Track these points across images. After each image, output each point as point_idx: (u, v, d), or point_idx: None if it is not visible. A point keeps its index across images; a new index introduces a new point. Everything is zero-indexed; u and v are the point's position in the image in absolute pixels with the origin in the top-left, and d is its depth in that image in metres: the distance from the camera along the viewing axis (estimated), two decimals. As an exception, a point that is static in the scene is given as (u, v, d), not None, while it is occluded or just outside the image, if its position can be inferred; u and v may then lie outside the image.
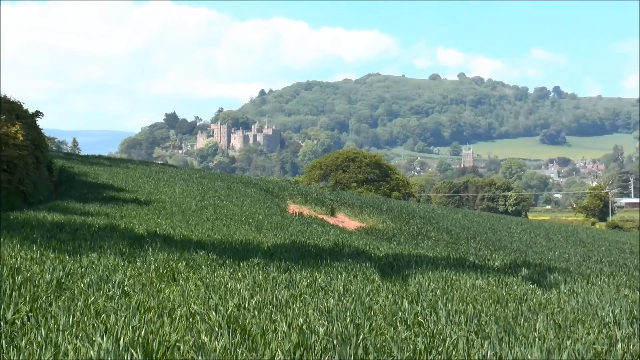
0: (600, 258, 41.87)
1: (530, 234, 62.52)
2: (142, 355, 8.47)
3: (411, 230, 49.15)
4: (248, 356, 8.88)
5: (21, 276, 12.82)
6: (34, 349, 8.64)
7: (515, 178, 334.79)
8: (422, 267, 20.83)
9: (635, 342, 11.83)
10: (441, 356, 9.76)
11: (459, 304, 14.25)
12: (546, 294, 17.37)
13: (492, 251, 38.76)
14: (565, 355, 10.22)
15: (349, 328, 10.99)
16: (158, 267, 15.79)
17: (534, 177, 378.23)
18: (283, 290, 14.26)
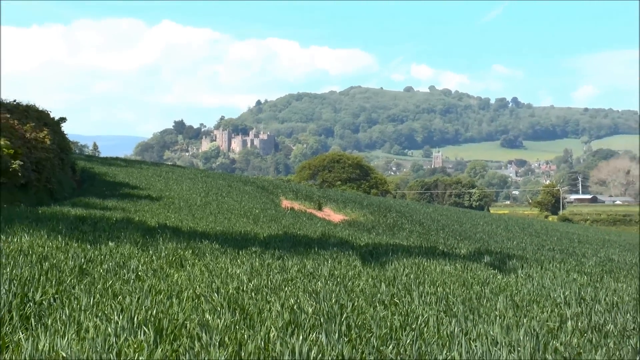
0: (553, 247, 41.87)
1: (492, 225, 62.54)
2: (154, 332, 8.45)
3: (388, 222, 49.11)
4: (246, 332, 8.86)
5: (48, 263, 12.80)
6: (59, 326, 8.63)
7: (478, 177, 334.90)
8: (397, 254, 20.80)
9: (583, 319, 11.84)
10: (414, 332, 9.74)
11: (430, 287, 14.24)
12: (505, 278, 17.37)
13: (459, 241, 38.74)
14: (522, 331, 10.22)
15: (334, 308, 10.99)
16: (168, 255, 15.75)
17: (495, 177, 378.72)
18: (277, 275, 14.24)
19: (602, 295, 15.21)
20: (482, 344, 9.24)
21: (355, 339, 9.21)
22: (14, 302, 9.40)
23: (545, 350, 9.09)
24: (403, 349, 8.86)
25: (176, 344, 8.21)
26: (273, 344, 8.32)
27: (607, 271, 22.81)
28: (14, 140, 31.72)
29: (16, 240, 15.48)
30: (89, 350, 7.54)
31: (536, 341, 9.57)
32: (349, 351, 8.33)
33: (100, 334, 8.26)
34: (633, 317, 12.44)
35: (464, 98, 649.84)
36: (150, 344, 8.06)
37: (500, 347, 9.09)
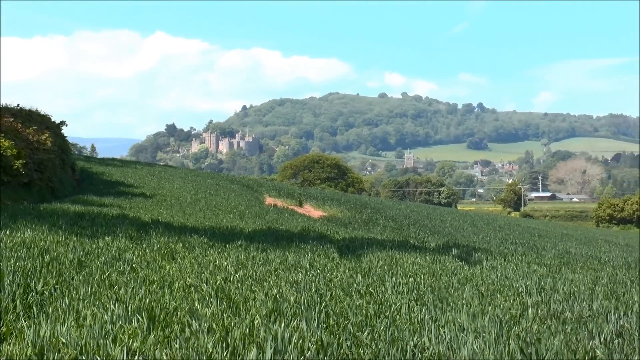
0: (515, 240, 42.00)
1: (459, 221, 62.68)
2: (147, 319, 8.45)
3: (364, 218, 49.17)
4: (233, 320, 8.86)
5: (49, 255, 12.77)
6: (59, 314, 8.63)
7: (447, 176, 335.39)
8: (372, 248, 20.82)
9: (542, 307, 11.88)
10: (388, 319, 9.75)
11: (402, 278, 14.25)
12: (472, 269, 17.40)
13: (429, 235, 38.81)
14: (487, 318, 10.25)
15: (313, 297, 11.00)
16: (160, 248, 15.73)
17: (462, 176, 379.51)
18: (261, 266, 14.23)
19: (560, 285, 15.27)
20: (450, 330, 9.25)
21: (333, 325, 9.22)
22: (18, 292, 9.40)
23: (508, 336, 9.12)
24: (377, 334, 8.88)
25: (168, 331, 8.21)
26: (257, 330, 8.32)
27: (564, 263, 22.87)
28: (17, 142, 31.77)
29: (19, 234, 15.45)
30: (86, 337, 7.53)
31: (500, 327, 9.60)
32: (327, 337, 8.33)
33: (97, 322, 8.25)
34: (588, 305, 12.49)
35: (434, 104, 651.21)
36: (144, 330, 8.06)
37: (467, 333, 9.11)
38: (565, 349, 8.60)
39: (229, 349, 7.53)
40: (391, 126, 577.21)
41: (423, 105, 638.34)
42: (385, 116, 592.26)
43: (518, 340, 8.85)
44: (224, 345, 7.65)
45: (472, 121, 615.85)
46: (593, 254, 33.65)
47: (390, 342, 8.50)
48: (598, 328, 10.27)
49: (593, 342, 9.27)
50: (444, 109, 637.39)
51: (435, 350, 8.18)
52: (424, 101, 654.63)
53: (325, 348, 7.88)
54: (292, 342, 7.91)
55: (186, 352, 7.27)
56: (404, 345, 8.37)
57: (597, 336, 9.67)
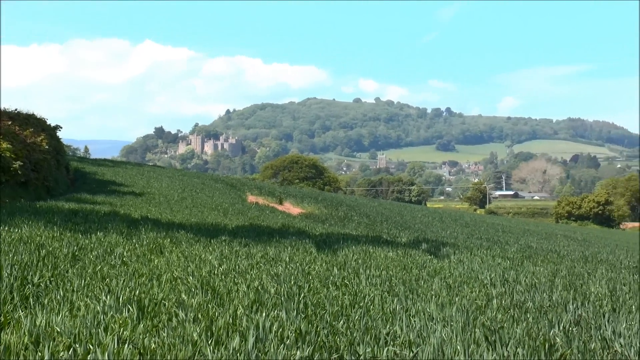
0: (481, 235, 42.06)
1: (428, 217, 62.73)
2: (137, 310, 8.44)
3: (339, 215, 49.14)
4: (217, 310, 8.85)
5: (45, 250, 12.73)
6: (54, 305, 8.62)
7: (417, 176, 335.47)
8: (347, 242, 20.82)
9: (506, 298, 11.92)
10: (362, 309, 9.76)
11: (375, 270, 14.26)
12: (440, 262, 17.43)
13: (400, 231, 38.80)
14: (454, 308, 10.27)
15: (293, 289, 11.00)
16: (149, 243, 15.69)
17: (431, 176, 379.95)
18: (243, 260, 14.22)
19: (522, 277, 15.32)
20: (420, 319, 9.27)
21: (311, 315, 9.22)
22: (15, 284, 9.38)
23: (474, 325, 9.15)
24: (352, 323, 8.89)
25: (156, 320, 8.20)
26: (240, 320, 8.32)
27: (526, 256, 22.94)
28: (15, 143, 31.81)
29: (17, 230, 15.39)
30: (80, 326, 7.52)
31: (466, 317, 9.63)
32: (305, 326, 8.34)
33: (90, 312, 8.24)
34: (549, 296, 12.54)
35: (405, 108, 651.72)
36: (134, 320, 8.06)
37: (436, 322, 9.13)
38: (527, 337, 8.63)
39: (214, 337, 7.54)
40: (365, 129, 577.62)
41: (395, 109, 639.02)
42: (360, 120, 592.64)
43: (483, 329, 8.88)
44: (208, 334, 7.65)
45: (440, 124, 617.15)
46: (553, 248, 33.75)
47: (365, 330, 8.51)
48: (557, 317, 10.32)
49: (553, 331, 9.31)
50: (414, 113, 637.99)
51: (406, 338, 8.20)
52: (396, 106, 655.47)
53: (304, 336, 7.89)
54: (273, 330, 7.92)
55: (173, 340, 7.27)
56: (377, 333, 8.39)
57: (557, 325, 9.72)
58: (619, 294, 14.03)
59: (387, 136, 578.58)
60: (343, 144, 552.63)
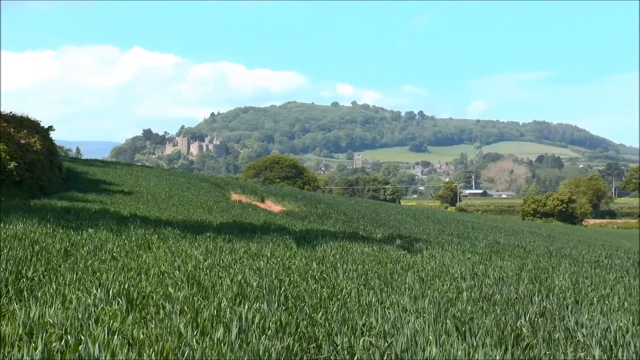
0: (451, 232, 42.16)
1: (402, 215, 62.83)
2: (126, 302, 8.43)
3: (318, 212, 49.16)
4: (202, 302, 8.85)
5: (38, 245, 12.69)
6: (48, 298, 8.61)
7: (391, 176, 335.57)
8: (326, 238, 20.82)
9: (475, 290, 11.96)
10: (340, 302, 9.77)
11: (352, 265, 14.28)
12: (413, 257, 17.45)
13: (375, 227, 38.86)
14: (427, 300, 10.29)
15: (274, 282, 11.00)
16: (137, 239, 15.66)
17: (405, 175, 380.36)
18: (227, 255, 14.21)
19: (490, 271, 15.37)
20: (395, 311, 9.28)
21: (291, 307, 9.22)
22: (10, 278, 9.36)
23: (445, 316, 9.17)
24: (330, 315, 8.89)
25: (144, 312, 8.19)
26: (224, 312, 8.31)
27: (494, 252, 23.01)
28: (10, 144, 31.87)
29: (12, 227, 15.34)
30: (72, 318, 7.50)
31: (438, 308, 9.65)
32: (286, 317, 8.34)
33: (81, 304, 8.22)
34: (515, 288, 12.59)
35: (380, 111, 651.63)
36: (123, 312, 8.05)
37: (409, 314, 9.15)
38: (495, 327, 8.66)
39: (199, 328, 7.53)
40: (342, 131, 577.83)
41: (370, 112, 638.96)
42: (337, 122, 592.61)
43: (454, 320, 8.91)
44: (194, 325, 7.64)
45: (413, 127, 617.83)
46: (519, 244, 33.85)
47: (342, 322, 8.52)
48: (524, 309, 10.36)
49: (520, 322, 9.35)
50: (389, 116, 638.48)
51: (381, 329, 8.21)
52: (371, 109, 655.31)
53: (284, 327, 7.89)
54: (255, 322, 7.92)
55: (161, 331, 7.26)
56: (354, 324, 8.40)
57: (523, 316, 9.76)
58: (581, 287, 14.11)
59: (363, 138, 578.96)
60: (321, 145, 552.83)
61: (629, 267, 23.74)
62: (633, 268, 23.29)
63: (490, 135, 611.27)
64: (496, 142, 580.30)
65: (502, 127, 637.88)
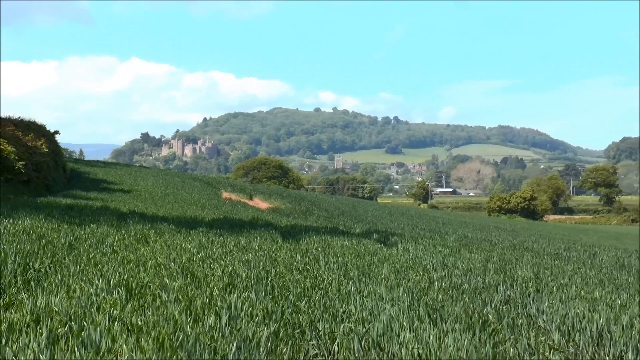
0: (424, 227, 42.19)
1: (379, 211, 62.87)
2: (125, 292, 8.43)
3: (302, 209, 49.11)
4: (195, 292, 8.84)
5: (44, 240, 12.64)
6: (53, 287, 8.59)
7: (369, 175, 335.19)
8: (309, 233, 20.83)
9: (446, 280, 12.00)
10: (322, 291, 9.79)
11: (333, 257, 14.29)
12: (389, 250, 17.48)
13: (354, 223, 38.84)
14: (401, 289, 10.31)
15: (261, 273, 11.00)
16: (136, 234, 15.62)
17: (381, 175, 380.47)
18: (218, 248, 14.19)
19: (459, 263, 15.42)
20: (372, 299, 9.30)
21: (277, 296, 9.23)
22: (18, 270, 9.33)
23: (418, 304, 9.19)
24: (313, 303, 8.90)
25: (142, 301, 8.18)
26: (215, 300, 8.31)
27: (463, 245, 23.06)
28: (18, 147, 31.91)
29: (20, 223, 15.27)
30: (75, 306, 7.49)
31: (411, 297, 9.67)
32: (272, 305, 8.35)
33: (84, 294, 8.21)
34: (482, 279, 12.64)
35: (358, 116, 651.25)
36: (123, 300, 8.03)
37: (385, 302, 9.17)
38: (464, 314, 8.70)
39: (192, 315, 7.53)
40: (324, 135, 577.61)
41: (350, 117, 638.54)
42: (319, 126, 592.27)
43: (426, 307, 8.93)
44: (188, 312, 7.64)
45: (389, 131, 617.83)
46: (486, 238, 33.95)
47: (324, 309, 8.53)
48: (490, 297, 10.41)
49: (486, 309, 9.39)
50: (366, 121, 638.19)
51: (359, 315, 8.23)
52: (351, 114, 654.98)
53: (271, 314, 7.90)
54: (244, 309, 7.92)
55: (157, 318, 7.25)
56: (335, 312, 8.41)
57: (489, 304, 9.80)
58: (542, 277, 14.20)
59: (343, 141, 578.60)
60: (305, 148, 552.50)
61: (586, 259, 23.91)
62: (589, 260, 23.45)
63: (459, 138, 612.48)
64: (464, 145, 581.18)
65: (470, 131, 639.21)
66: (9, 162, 30.27)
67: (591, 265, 20.94)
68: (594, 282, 14.72)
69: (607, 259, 24.77)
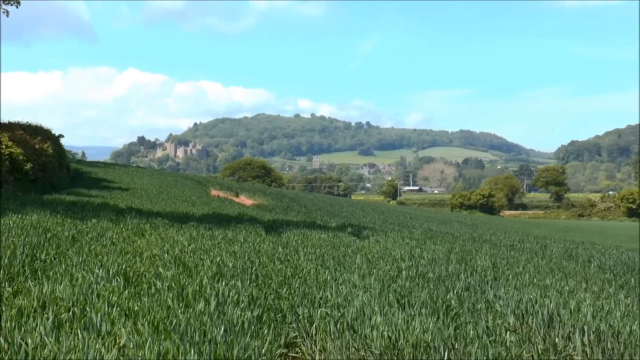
0: (393, 221, 42.31)
1: (352, 207, 62.97)
2: (123, 280, 8.42)
3: (283, 205, 49.12)
4: (187, 280, 8.83)
5: (50, 233, 12.58)
6: (58, 276, 8.56)
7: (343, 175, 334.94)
8: (289, 227, 20.84)
9: (413, 269, 12.03)
10: (301, 279, 9.81)
11: (311, 248, 14.30)
12: (362, 242, 17.50)
13: (330, 217, 38.90)
14: (373, 278, 10.34)
15: (246, 263, 11.00)
16: (133, 228, 15.56)
17: (355, 175, 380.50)
18: (207, 241, 14.16)
19: (425, 253, 15.47)
20: (346, 286, 9.33)
21: (261, 284, 9.25)
22: (26, 260, 9.31)
23: (388, 290, 9.22)
24: (293, 290, 8.92)
25: (138, 288, 8.16)
26: (205, 288, 8.31)
27: (428, 237, 23.17)
28: (26, 149, 32.10)
29: (28, 218, 15.18)
30: (78, 293, 7.47)
31: (382, 284, 9.70)
32: (256, 292, 8.36)
33: (86, 282, 8.19)
34: (445, 268, 12.69)
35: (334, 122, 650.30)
36: (121, 288, 8.02)
37: (358, 289, 9.20)
38: (429, 300, 8.74)
39: (184, 301, 7.53)
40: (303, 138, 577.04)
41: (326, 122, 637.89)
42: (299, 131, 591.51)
43: (395, 294, 8.96)
44: (180, 299, 7.64)
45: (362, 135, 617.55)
46: (449, 231, 34.10)
47: (303, 296, 8.56)
48: (452, 284, 10.46)
49: (449, 295, 9.44)
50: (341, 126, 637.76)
51: (335, 301, 8.25)
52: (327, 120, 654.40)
53: (255, 300, 7.91)
54: (231, 296, 7.93)
55: (152, 304, 7.24)
56: (313, 298, 8.44)
57: (452, 290, 9.85)
58: (499, 266, 14.29)
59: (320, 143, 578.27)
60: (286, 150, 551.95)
61: (538, 250, 24.09)
62: (541, 251, 23.61)
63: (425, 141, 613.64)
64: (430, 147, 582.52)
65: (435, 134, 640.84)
66: (18, 163, 30.40)
67: (543, 255, 21.10)
68: (545, 271, 14.84)
69: (556, 250, 24.98)
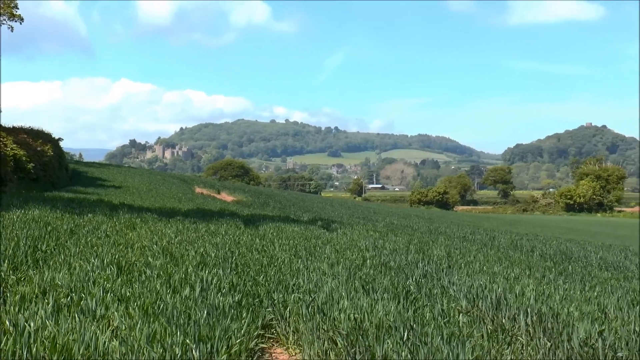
0: (359, 216, 42.43)
1: (323, 203, 63.05)
2: (116, 268, 8.39)
3: (260, 201, 49.06)
4: (174, 268, 8.82)
5: (50, 226, 12.48)
6: (57, 265, 8.53)
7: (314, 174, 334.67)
8: (266, 221, 20.83)
9: (376, 259, 12.10)
10: (276, 268, 9.83)
11: (285, 240, 14.32)
12: (330, 234, 17.55)
13: (302, 212, 38.91)
14: (341, 266, 10.40)
15: (227, 253, 11.00)
16: (125, 222, 15.47)
17: (324, 174, 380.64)
18: (192, 233, 14.13)
19: (387, 244, 15.55)
20: (317, 274, 9.36)
21: (240, 272, 9.26)
22: (29, 251, 9.26)
23: (354, 278, 9.27)
24: (269, 277, 8.95)
25: (130, 276, 8.14)
26: (190, 275, 8.31)
27: (390, 230, 23.30)
28: (29, 151, 32.27)
29: (30, 213, 15.05)
30: (75, 280, 7.44)
31: (349, 272, 9.75)
32: (236, 279, 8.38)
33: (82, 270, 8.16)
34: (405, 257, 12.77)
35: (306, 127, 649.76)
36: (114, 276, 7.99)
37: (328, 276, 9.23)
38: (391, 286, 8.80)
39: (171, 287, 7.53)
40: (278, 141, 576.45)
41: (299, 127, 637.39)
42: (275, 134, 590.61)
43: (360, 280, 9.02)
44: (168, 285, 7.63)
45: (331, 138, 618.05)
46: (408, 224, 34.28)
47: (278, 282, 8.59)
48: (411, 272, 10.54)
49: (408, 281, 9.51)
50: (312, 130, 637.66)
51: (307, 287, 8.28)
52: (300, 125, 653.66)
53: (235, 287, 7.93)
54: (213, 283, 7.94)
55: (142, 290, 7.24)
56: (287, 284, 8.47)
57: (411, 277, 9.92)
58: (453, 256, 14.41)
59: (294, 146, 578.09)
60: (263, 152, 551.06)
61: (487, 241, 24.32)
62: (490, 242, 23.85)
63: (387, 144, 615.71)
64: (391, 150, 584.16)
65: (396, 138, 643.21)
66: (21, 164, 30.55)
67: (491, 246, 21.33)
68: (494, 260, 15.01)
69: (504, 241, 25.25)
